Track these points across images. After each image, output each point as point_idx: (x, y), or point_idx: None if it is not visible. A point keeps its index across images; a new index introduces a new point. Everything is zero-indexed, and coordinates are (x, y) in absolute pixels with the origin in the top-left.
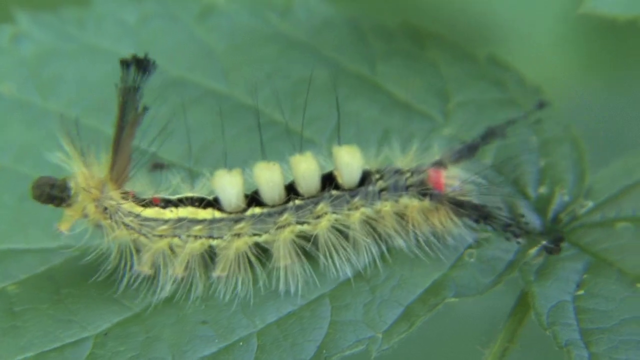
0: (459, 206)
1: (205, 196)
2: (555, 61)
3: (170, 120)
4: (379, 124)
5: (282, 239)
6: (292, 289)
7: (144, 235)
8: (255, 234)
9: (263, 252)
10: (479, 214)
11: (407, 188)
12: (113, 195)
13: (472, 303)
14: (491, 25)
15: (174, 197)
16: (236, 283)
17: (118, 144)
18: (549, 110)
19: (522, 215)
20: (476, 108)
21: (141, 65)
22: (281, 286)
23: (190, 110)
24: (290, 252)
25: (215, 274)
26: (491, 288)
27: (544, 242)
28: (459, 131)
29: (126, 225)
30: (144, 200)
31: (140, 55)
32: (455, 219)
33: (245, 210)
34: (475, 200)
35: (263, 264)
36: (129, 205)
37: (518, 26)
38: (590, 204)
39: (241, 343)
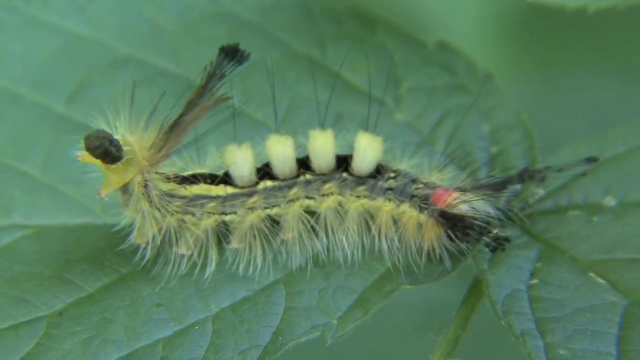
0: (444, 217)
1: (216, 172)
2: (479, 55)
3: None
4: (330, 108)
5: (291, 212)
6: (295, 263)
7: (159, 209)
8: (266, 207)
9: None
10: (453, 221)
11: (412, 197)
12: (155, 169)
13: (426, 291)
14: (418, 16)
15: (187, 174)
16: (253, 254)
17: (182, 122)
18: (499, 97)
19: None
20: (427, 93)
21: (237, 55)
22: (290, 262)
23: (140, 89)
24: (298, 225)
25: (232, 246)
26: (445, 276)
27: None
28: (411, 117)
29: (150, 199)
30: (165, 175)
31: (238, 46)
32: (440, 234)
33: (257, 183)
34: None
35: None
36: (157, 180)
37: (443, 19)
38: (541, 191)
39: (196, 327)
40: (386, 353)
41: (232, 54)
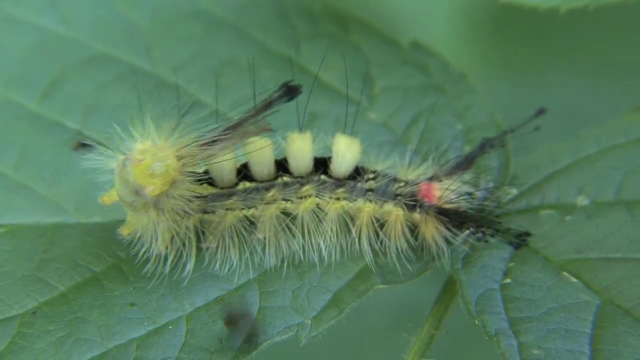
0: (442, 214)
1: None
2: (452, 55)
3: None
4: (304, 107)
5: (268, 214)
6: (270, 263)
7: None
8: (243, 209)
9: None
10: (460, 220)
11: (395, 196)
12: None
13: (399, 290)
14: (390, 16)
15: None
16: (228, 254)
17: (222, 140)
18: (473, 97)
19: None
20: (401, 93)
21: (293, 93)
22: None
23: (114, 88)
24: (274, 226)
25: (207, 245)
26: (419, 275)
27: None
28: (385, 116)
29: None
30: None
31: (300, 86)
32: (441, 229)
33: (236, 184)
34: (462, 208)
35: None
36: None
37: (415, 20)
38: (514, 191)
39: (170, 326)
40: (360, 353)
41: (291, 91)
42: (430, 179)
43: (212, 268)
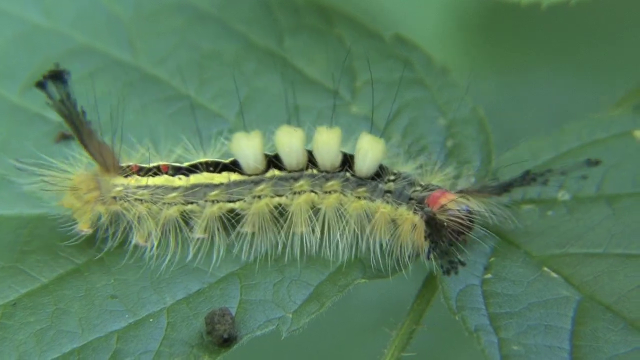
0: (426, 223)
1: (219, 160)
2: (437, 51)
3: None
4: (287, 101)
5: (297, 204)
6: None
7: (154, 203)
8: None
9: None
10: (434, 237)
11: (409, 199)
12: (115, 182)
13: (381, 285)
14: (376, 16)
15: (185, 164)
16: (261, 241)
17: (85, 144)
18: (455, 91)
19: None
20: (383, 86)
21: (56, 78)
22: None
23: (96, 80)
24: (306, 219)
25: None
26: (400, 271)
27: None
28: (367, 110)
29: (140, 200)
30: (150, 169)
31: (52, 68)
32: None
33: (265, 172)
34: (451, 227)
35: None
36: (134, 181)
37: (402, 19)
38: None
39: (151, 319)
40: (341, 348)
41: (52, 80)
42: (458, 191)
43: (194, 260)
